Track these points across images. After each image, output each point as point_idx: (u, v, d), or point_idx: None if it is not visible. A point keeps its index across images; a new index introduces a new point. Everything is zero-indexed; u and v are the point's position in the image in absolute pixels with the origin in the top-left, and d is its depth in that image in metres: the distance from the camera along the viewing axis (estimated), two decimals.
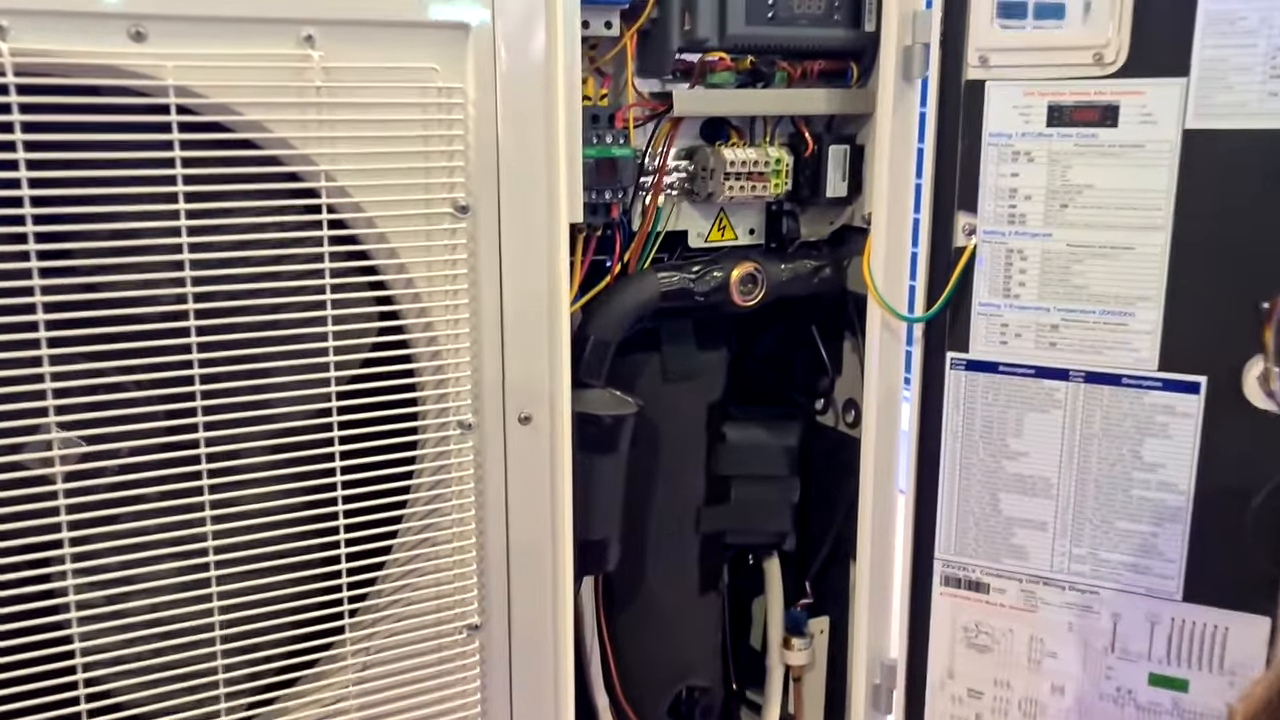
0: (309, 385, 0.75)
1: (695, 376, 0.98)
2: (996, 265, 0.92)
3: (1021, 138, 0.89)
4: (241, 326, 0.72)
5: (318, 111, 0.72)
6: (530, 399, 0.84)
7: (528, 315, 0.82)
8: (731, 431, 1.01)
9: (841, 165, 0.95)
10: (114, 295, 0.69)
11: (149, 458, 0.72)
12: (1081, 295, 0.89)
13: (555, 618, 0.87)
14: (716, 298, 0.92)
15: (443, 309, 0.79)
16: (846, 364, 1.07)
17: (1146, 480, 0.89)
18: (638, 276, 0.90)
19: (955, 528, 0.97)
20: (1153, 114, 0.84)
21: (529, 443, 0.84)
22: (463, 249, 0.78)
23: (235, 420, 0.73)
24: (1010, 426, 0.94)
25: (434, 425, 0.81)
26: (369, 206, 0.75)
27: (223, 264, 0.71)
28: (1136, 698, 0.93)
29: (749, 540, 1.04)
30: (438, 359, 0.79)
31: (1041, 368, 0.92)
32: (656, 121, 0.90)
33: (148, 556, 0.72)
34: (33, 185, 0.64)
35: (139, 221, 0.68)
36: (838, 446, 1.07)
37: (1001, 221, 0.91)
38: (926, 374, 0.96)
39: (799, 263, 0.96)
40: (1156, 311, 0.87)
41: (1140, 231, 0.86)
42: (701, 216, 0.96)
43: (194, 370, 0.71)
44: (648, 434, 0.96)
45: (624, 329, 0.89)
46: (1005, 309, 0.92)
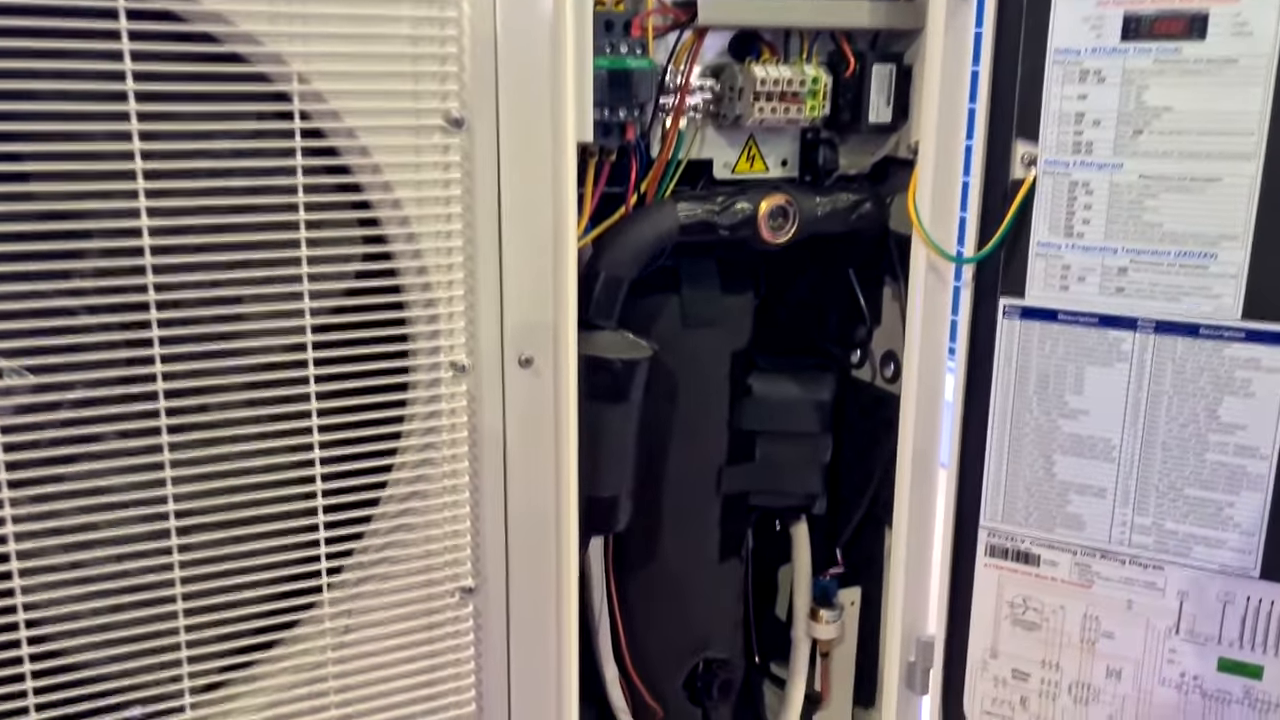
0: (282, 317, 0.67)
1: (718, 322, 0.88)
2: (1059, 200, 0.82)
3: (1091, 54, 0.78)
4: (205, 246, 0.64)
5: (288, 3, 0.63)
6: (532, 340, 0.75)
7: (530, 245, 0.73)
8: (758, 383, 0.92)
9: (886, 87, 0.85)
10: (58, 207, 0.61)
11: (106, 392, 0.65)
12: (1155, 234, 0.79)
13: (559, 581, 0.79)
14: (743, 232, 0.83)
15: (433, 235, 0.70)
16: (887, 313, 0.97)
17: (1223, 443, 0.79)
18: (655, 207, 0.81)
19: (1003, 493, 0.88)
20: (1248, 24, 0.73)
21: (530, 388, 0.76)
22: (456, 168, 0.70)
23: (198, 353, 0.65)
24: (1069, 381, 0.84)
25: (424, 366, 0.72)
26: (348, 115, 0.66)
27: (181, 175, 0.63)
28: (1203, 684, 0.84)
29: (775, 503, 0.95)
30: (428, 291, 0.71)
31: (1106, 316, 0.82)
32: (679, 33, 0.81)
33: (101, 503, 0.64)
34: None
35: (84, 123, 0.60)
36: (875, 403, 0.98)
37: (1065, 150, 0.81)
38: (976, 322, 0.87)
39: (836, 196, 0.86)
40: (1242, 253, 0.76)
41: (1227, 161, 0.76)
42: (728, 144, 0.86)
43: (149, 295, 0.63)
44: (664, 383, 0.87)
45: (639, 265, 0.80)
46: (1067, 250, 0.82)
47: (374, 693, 0.75)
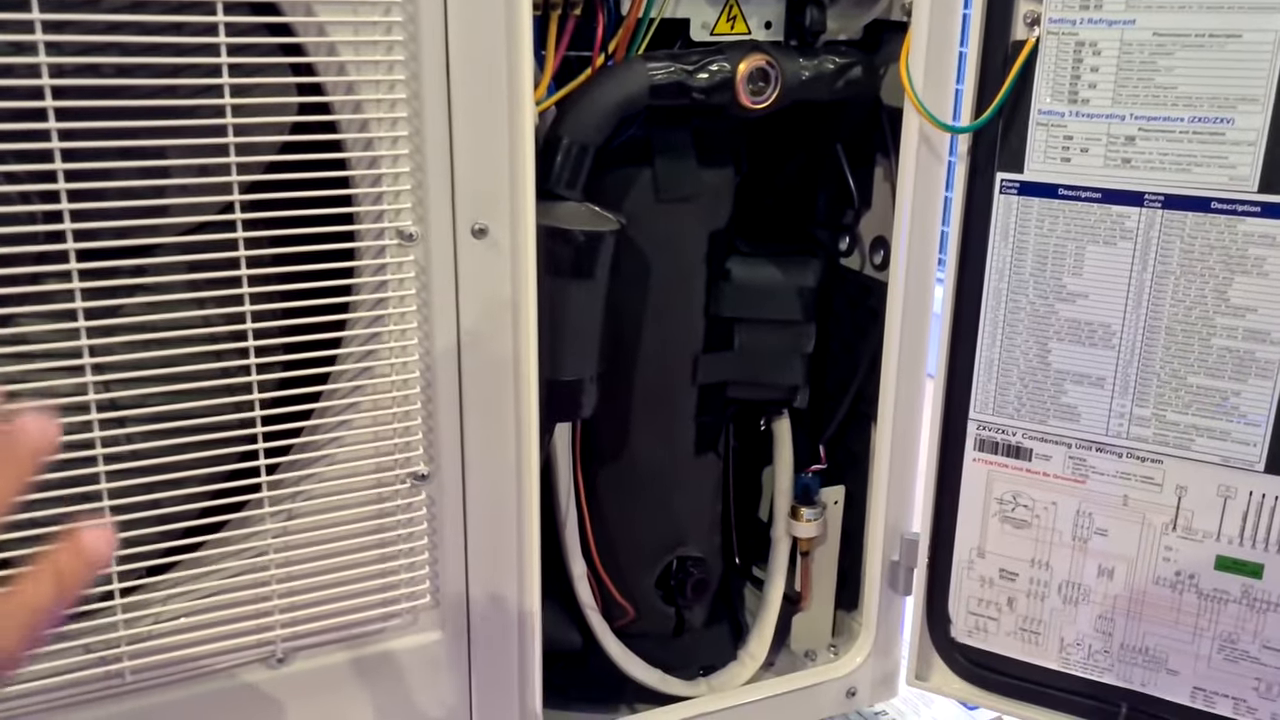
0: (208, 173, 0.61)
1: (695, 198, 0.82)
2: (1063, 62, 0.75)
3: None
4: (116, 91, 0.58)
5: None
6: (486, 207, 0.69)
7: (482, 102, 0.67)
8: (737, 268, 0.86)
9: None
10: None
11: (19, 249, 0.59)
12: (1167, 98, 0.73)
13: (519, 468, 0.74)
14: (720, 97, 0.76)
15: (374, 85, 0.64)
16: (877, 195, 0.91)
17: (1232, 327, 0.74)
18: (623, 66, 0.75)
19: (995, 383, 0.83)
20: None
21: (485, 260, 0.70)
22: (398, 10, 0.63)
23: (118, 209, 0.59)
24: (1068, 262, 0.78)
25: (369, 234, 0.67)
26: None
27: (86, 29, 0.56)
28: (1199, 583, 0.79)
29: (754, 395, 0.90)
30: (371, 148, 0.65)
31: (1111, 190, 0.76)
32: None
33: (18, 370, 0.59)
34: None
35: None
36: (863, 292, 0.92)
37: (1073, 7, 0.74)
38: (970, 199, 0.81)
39: (823, 59, 0.80)
40: (1262, 117, 0.70)
41: (1250, 13, 0.69)
42: (706, 2, 0.80)
43: (54, 142, 0.57)
44: (635, 262, 0.81)
45: (605, 130, 0.74)
46: (1070, 118, 0.76)
47: (322, 582, 0.71)
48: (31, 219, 0.59)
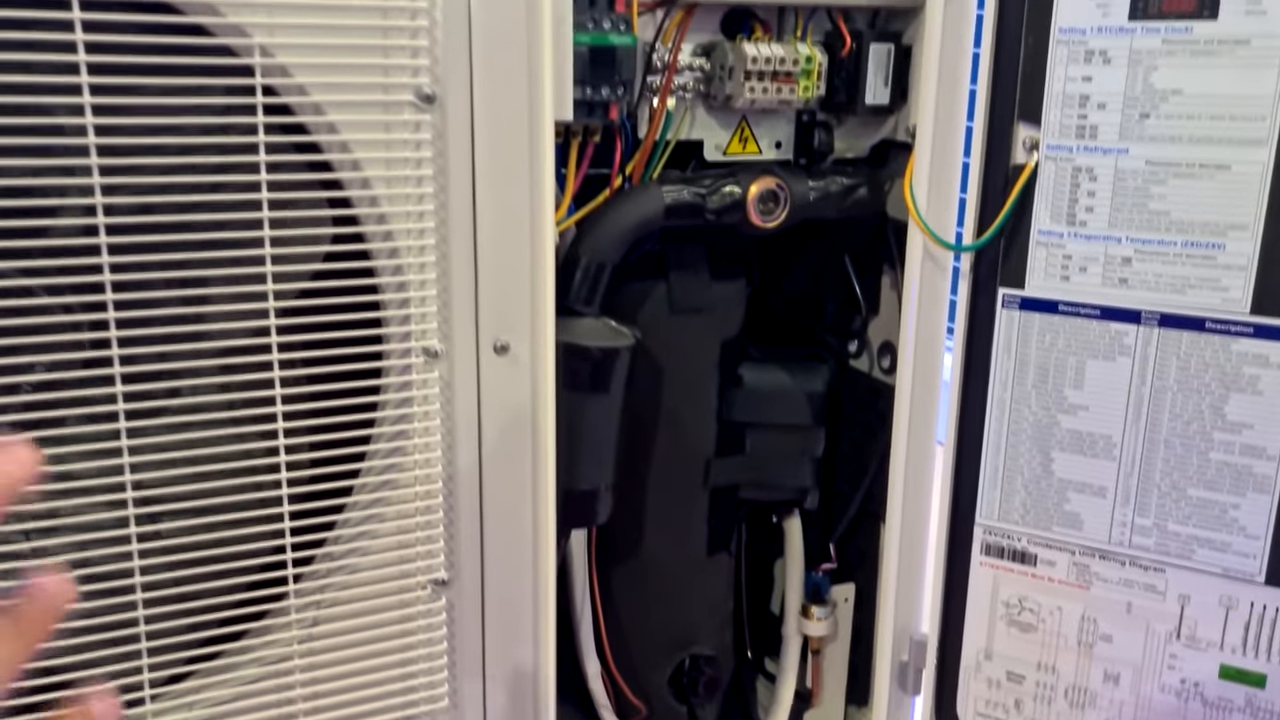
0: (247, 299, 0.65)
1: (708, 309, 0.86)
2: (1061, 186, 0.78)
3: (1098, 34, 0.75)
4: (166, 226, 0.61)
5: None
6: (508, 325, 0.73)
7: (506, 226, 0.71)
8: (749, 373, 0.89)
9: (884, 67, 0.82)
10: (15, 183, 0.59)
11: (67, 375, 0.63)
12: (1161, 223, 0.76)
13: (536, 574, 0.77)
14: (732, 217, 0.80)
15: (405, 215, 0.68)
16: (884, 302, 0.94)
17: (1229, 442, 0.76)
18: (639, 189, 0.79)
19: (1000, 490, 0.85)
20: (1262, 2, 0.70)
21: (506, 375, 0.73)
22: (428, 145, 0.67)
23: (160, 336, 0.63)
24: (1069, 375, 0.81)
25: (396, 352, 0.70)
26: (315, 89, 0.64)
27: (140, 150, 0.60)
28: (1204, 692, 0.81)
29: (765, 496, 0.93)
30: (400, 274, 0.69)
31: (1109, 308, 0.79)
32: (667, 9, 0.78)
33: (64, 489, 0.63)
34: None
35: (41, 96, 0.57)
36: (871, 395, 0.95)
37: (1069, 135, 0.77)
38: (974, 312, 0.84)
39: (830, 180, 0.83)
40: (1252, 243, 0.73)
41: (1238, 147, 0.72)
42: (719, 125, 0.84)
43: (105, 275, 0.60)
44: (650, 372, 0.84)
45: (622, 249, 0.78)
46: (1069, 238, 0.79)
47: (343, 686, 0.73)
48: (79, 341, 0.62)
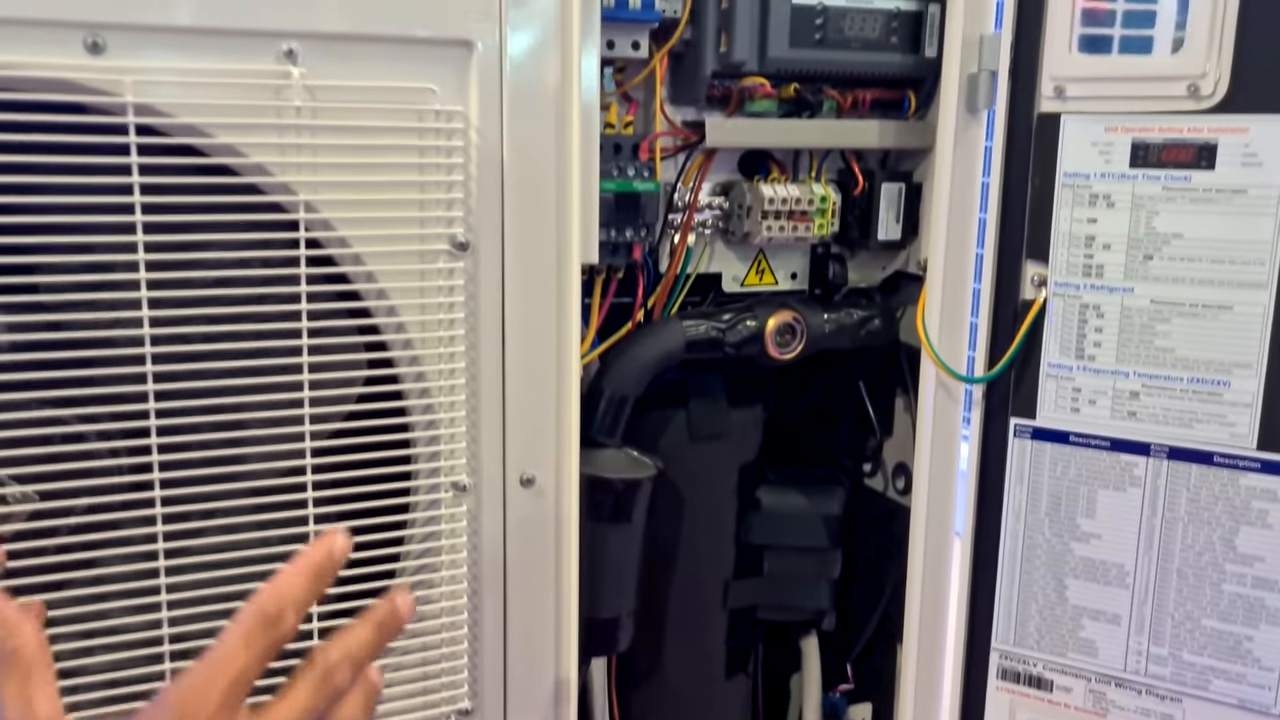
0: (285, 440, 0.67)
1: (726, 435, 0.88)
2: (1069, 322, 0.81)
3: (1101, 179, 0.78)
4: (211, 373, 0.64)
5: (297, 135, 0.64)
6: (534, 459, 0.75)
7: (533, 365, 0.73)
8: (766, 496, 0.91)
9: (896, 205, 0.85)
10: (71, 335, 0.62)
11: (107, 516, 0.65)
12: (1167, 359, 0.78)
13: (557, 705, 0.78)
14: (750, 350, 0.83)
15: (437, 356, 0.70)
16: (898, 424, 0.96)
17: (1241, 574, 0.77)
18: (660, 324, 0.81)
19: (1015, 615, 0.86)
20: (1257, 154, 0.73)
21: (531, 508, 0.75)
22: (461, 290, 0.70)
23: (200, 477, 0.65)
24: (1081, 504, 0.82)
25: (424, 487, 0.72)
26: (355, 241, 0.67)
27: (191, 302, 0.63)
28: None
29: (783, 617, 0.94)
30: (430, 413, 0.71)
31: (1119, 440, 0.81)
32: (689, 152, 0.82)
33: (101, 627, 0.64)
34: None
35: (96, 254, 0.61)
36: (887, 515, 0.96)
37: (1076, 273, 0.80)
38: (987, 441, 0.86)
39: (844, 312, 0.86)
40: (1256, 381, 0.75)
41: (1239, 289, 0.75)
42: (737, 258, 0.87)
43: (150, 421, 0.63)
44: (670, 498, 0.86)
45: (644, 383, 0.80)
46: (1078, 372, 0.81)
47: None
48: (119, 469, 0.65)
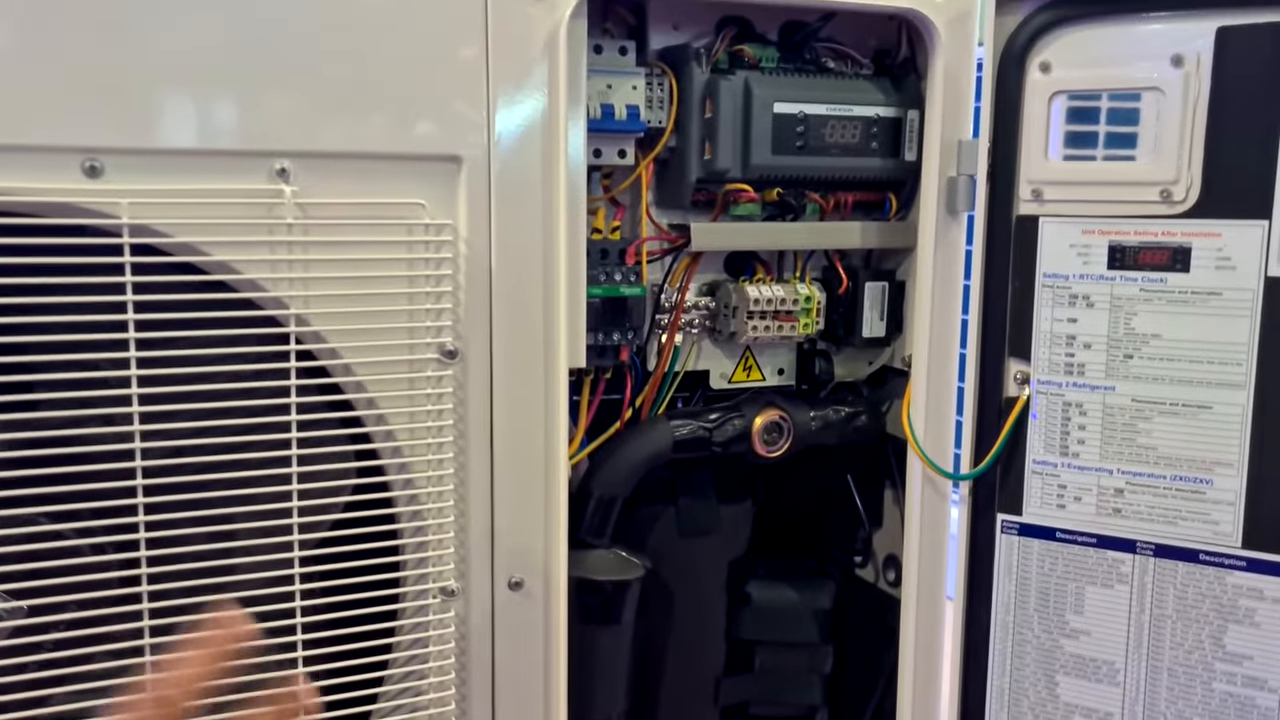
0: (274, 549, 0.68)
1: (715, 531, 0.88)
2: (1052, 419, 0.82)
3: (1080, 280, 0.80)
4: (203, 484, 0.65)
5: (289, 250, 0.65)
6: (523, 562, 0.75)
7: (521, 469, 0.74)
8: (757, 591, 0.91)
9: (879, 303, 0.87)
10: (64, 450, 0.62)
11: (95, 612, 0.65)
12: (1150, 457, 0.79)
13: None
14: (737, 448, 0.83)
15: (425, 463, 0.71)
16: (888, 515, 0.97)
17: (1230, 673, 0.77)
18: (648, 425, 0.82)
19: (1007, 710, 0.86)
20: (1230, 258, 0.74)
21: (520, 612, 0.75)
22: (449, 397, 0.71)
23: (191, 589, 0.65)
24: (1069, 600, 0.83)
25: (413, 593, 0.72)
26: (346, 352, 0.68)
27: (184, 413, 0.64)
28: None
29: (776, 713, 0.93)
30: (419, 518, 0.72)
31: (1104, 537, 0.81)
32: (675, 254, 0.83)
33: None
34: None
35: (93, 370, 0.62)
36: (878, 607, 0.96)
37: (1058, 371, 0.81)
38: (975, 536, 0.86)
39: (831, 409, 0.87)
40: (1238, 480, 0.76)
41: (1218, 388, 0.76)
42: (724, 355, 0.88)
43: (140, 533, 0.64)
44: (660, 596, 0.86)
45: (632, 483, 0.81)
46: (1063, 468, 0.82)
47: None
48: (108, 578, 0.65)
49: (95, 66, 0.60)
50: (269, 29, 0.64)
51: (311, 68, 0.65)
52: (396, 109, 0.67)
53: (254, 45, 0.63)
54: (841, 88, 0.82)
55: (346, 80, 0.66)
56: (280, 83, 0.64)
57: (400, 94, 0.67)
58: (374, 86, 0.66)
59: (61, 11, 0.59)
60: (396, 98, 0.67)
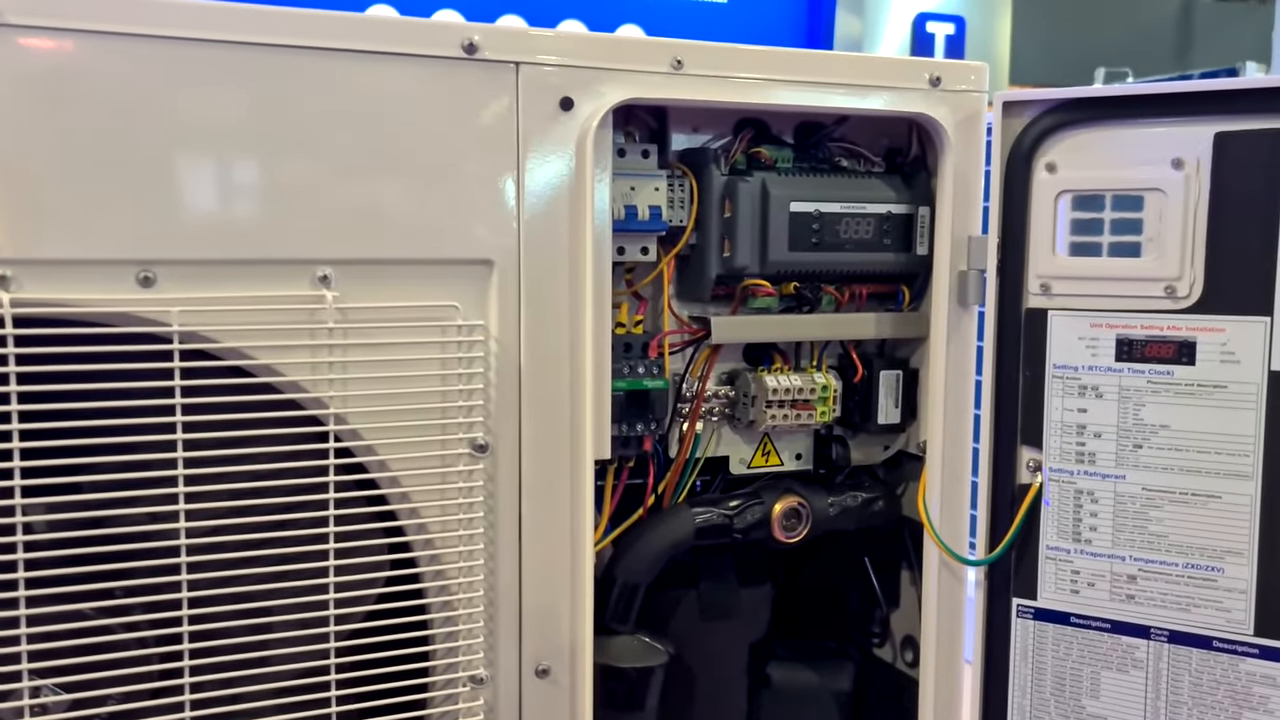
0: (310, 640, 0.70)
1: (736, 614, 0.90)
2: (1065, 506, 0.84)
3: (1089, 371, 0.82)
4: (243, 578, 0.67)
5: (329, 353, 0.69)
6: (549, 649, 0.77)
7: (549, 559, 0.76)
8: (777, 673, 0.93)
9: (894, 391, 0.89)
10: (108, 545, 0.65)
11: (139, 704, 0.67)
12: (1161, 545, 0.81)
13: None
14: (757, 534, 0.86)
15: (457, 554, 0.73)
16: (904, 596, 0.98)
17: None
18: (671, 512, 0.85)
19: None
20: (1235, 352, 0.77)
21: (546, 699, 0.77)
22: (480, 490, 0.74)
23: (230, 679, 0.67)
24: (1085, 685, 0.84)
25: (442, 682, 0.74)
26: (382, 448, 0.71)
27: (227, 513, 0.67)
28: None
29: None
30: (450, 608, 0.74)
31: (1119, 622, 0.83)
32: (696, 345, 0.86)
33: None
34: (24, 437, 0.61)
35: (141, 470, 0.65)
36: (896, 688, 0.97)
37: (1069, 459, 0.83)
38: (990, 619, 0.88)
39: (848, 495, 0.89)
40: (1249, 568, 0.78)
41: (1226, 479, 0.78)
42: (744, 441, 0.90)
43: (184, 623, 0.66)
44: (683, 680, 0.88)
45: (655, 570, 0.83)
46: (1076, 554, 0.84)
47: None
48: (150, 673, 0.67)
49: (151, 185, 0.64)
50: (311, 148, 0.67)
51: (351, 181, 0.69)
52: (432, 217, 0.71)
53: (297, 163, 0.67)
54: (855, 186, 0.85)
55: (384, 191, 0.69)
56: (322, 196, 0.68)
57: (436, 203, 0.71)
58: (411, 196, 0.70)
59: (119, 137, 0.63)
60: (432, 206, 0.71)
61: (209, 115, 0.65)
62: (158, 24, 0.63)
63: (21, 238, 0.61)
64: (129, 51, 0.63)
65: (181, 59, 0.64)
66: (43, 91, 0.62)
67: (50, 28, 0.61)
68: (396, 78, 0.69)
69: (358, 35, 0.68)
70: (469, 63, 0.70)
